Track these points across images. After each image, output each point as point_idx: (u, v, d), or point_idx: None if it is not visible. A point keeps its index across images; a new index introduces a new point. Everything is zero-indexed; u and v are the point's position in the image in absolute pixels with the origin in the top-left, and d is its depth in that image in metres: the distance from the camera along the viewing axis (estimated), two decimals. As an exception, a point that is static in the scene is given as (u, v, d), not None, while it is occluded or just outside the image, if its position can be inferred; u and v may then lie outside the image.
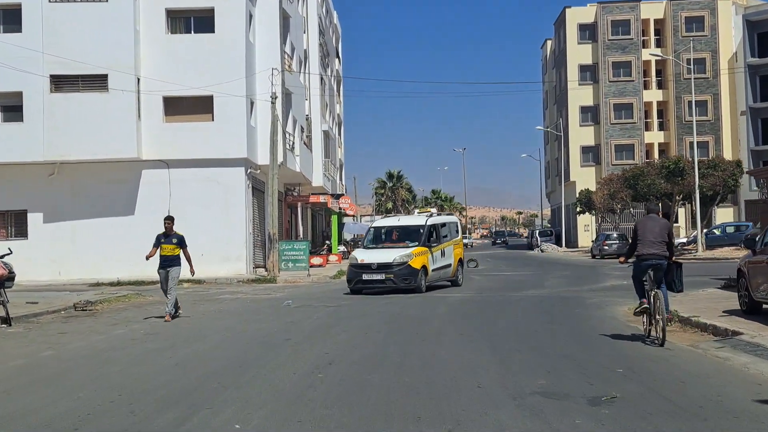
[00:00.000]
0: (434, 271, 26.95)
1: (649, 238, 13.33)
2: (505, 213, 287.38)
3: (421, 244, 26.37)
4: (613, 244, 57.73)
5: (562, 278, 33.14)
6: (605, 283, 29.29)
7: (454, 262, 28.72)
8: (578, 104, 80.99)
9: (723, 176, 52.15)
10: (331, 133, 58.81)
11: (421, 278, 25.63)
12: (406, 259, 25.46)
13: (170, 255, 19.17)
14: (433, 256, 26.80)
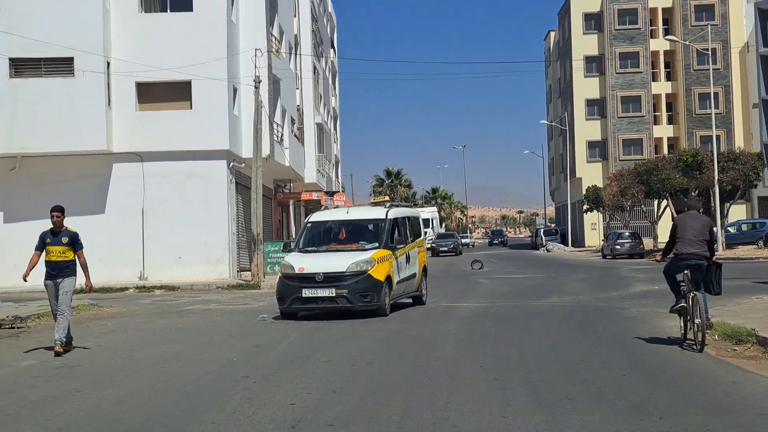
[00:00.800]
0: (399, 283, 19.29)
1: (689, 236, 12.63)
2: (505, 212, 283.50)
3: (382, 245, 18.69)
4: (625, 243, 53.84)
5: (581, 282, 29.25)
6: (634, 289, 25.38)
7: (418, 271, 21.12)
8: (584, 97, 77.04)
9: (743, 170, 48.27)
10: (326, 126, 54.93)
11: (386, 294, 18.05)
12: (366, 267, 17.71)
13: (60, 260, 13.42)
14: (398, 262, 19.30)
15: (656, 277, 30.84)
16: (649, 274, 32.75)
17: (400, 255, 19.35)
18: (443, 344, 13.36)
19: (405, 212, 21.61)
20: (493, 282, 30.69)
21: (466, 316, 18.18)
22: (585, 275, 34.03)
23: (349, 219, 19.98)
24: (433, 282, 31.31)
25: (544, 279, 32.13)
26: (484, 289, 27.17)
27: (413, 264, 20.47)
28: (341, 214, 20.61)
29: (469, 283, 30.61)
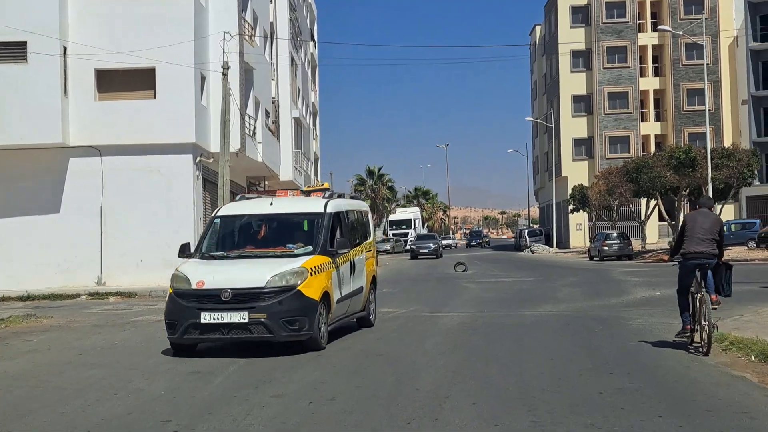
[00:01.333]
0: (341, 301, 14.23)
1: (697, 234, 12.20)
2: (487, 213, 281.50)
3: (319, 250, 13.55)
4: (613, 244, 51.70)
5: (574, 287, 26.94)
6: (633, 295, 23.11)
7: (366, 283, 15.94)
8: (570, 93, 74.95)
9: (738, 167, 46.18)
10: (304, 122, 52.50)
11: (321, 319, 12.99)
12: (295, 281, 12.66)
13: None
14: (340, 272, 14.20)
15: (653, 281, 28.65)
16: (644, 278, 30.54)
17: (342, 263, 14.16)
18: (425, 369, 10.98)
19: (350, 205, 16.28)
20: (478, 287, 28.38)
21: (452, 328, 15.82)
22: (576, 279, 31.78)
23: (273, 213, 14.57)
24: (415, 287, 29.11)
25: (533, 283, 29.85)
26: (469, 294, 24.85)
27: (360, 275, 15.38)
28: (263, 206, 15.04)
29: (452, 287, 28.30)
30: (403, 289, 27.98)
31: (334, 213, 14.51)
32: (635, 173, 51.55)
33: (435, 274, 39.19)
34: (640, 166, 51.29)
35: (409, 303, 21.93)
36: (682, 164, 46.21)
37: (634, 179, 51.95)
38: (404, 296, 24.67)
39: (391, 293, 26.18)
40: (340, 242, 14.01)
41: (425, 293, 25.87)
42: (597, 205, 63.55)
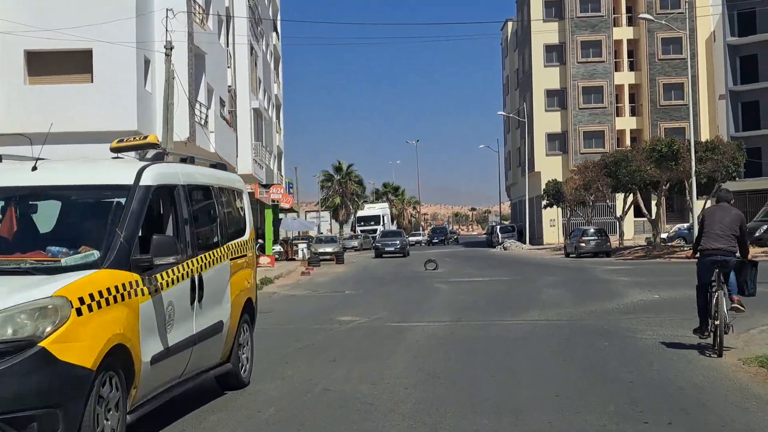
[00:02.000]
0: (165, 358, 7.41)
1: (716, 230, 11.31)
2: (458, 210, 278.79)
3: (112, 257, 6.89)
4: (591, 240, 48.88)
5: (558, 288, 23.90)
6: (627, 298, 20.08)
7: (231, 315, 9.08)
8: (543, 87, 72.12)
9: (722, 160, 43.45)
10: (266, 114, 49.23)
11: (102, 408, 6.30)
12: (32, 329, 5.96)
13: None
14: (163, 301, 7.43)
15: (643, 281, 25.72)
16: (632, 277, 27.62)
17: (169, 284, 7.54)
18: (389, 412, 7.86)
19: (204, 177, 9.27)
20: (451, 288, 25.30)
21: (423, 345, 12.70)
22: (558, 278, 28.76)
23: (33, 186, 7.85)
24: (381, 288, 26.02)
25: (511, 283, 26.80)
26: (442, 298, 21.76)
27: (216, 300, 8.70)
28: (18, 173, 7.93)
29: (423, 289, 25.20)
30: (368, 291, 24.89)
31: (159, 188, 7.80)
32: (614, 167, 48.76)
33: (404, 273, 36.13)
34: (619, 160, 48.49)
35: (372, 309, 18.82)
36: (665, 157, 43.39)
37: (612, 173, 49.17)
38: (368, 300, 21.58)
39: (353, 296, 23.09)
40: (161, 244, 7.19)
41: (392, 296, 22.77)
42: (572, 201, 60.70)
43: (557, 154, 71.84)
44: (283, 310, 19.60)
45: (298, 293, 25.28)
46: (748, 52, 67.78)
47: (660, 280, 25.95)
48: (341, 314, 17.64)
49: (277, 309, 19.85)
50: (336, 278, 33.68)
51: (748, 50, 67.70)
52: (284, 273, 36.98)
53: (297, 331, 14.81)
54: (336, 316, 17.34)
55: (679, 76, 70.60)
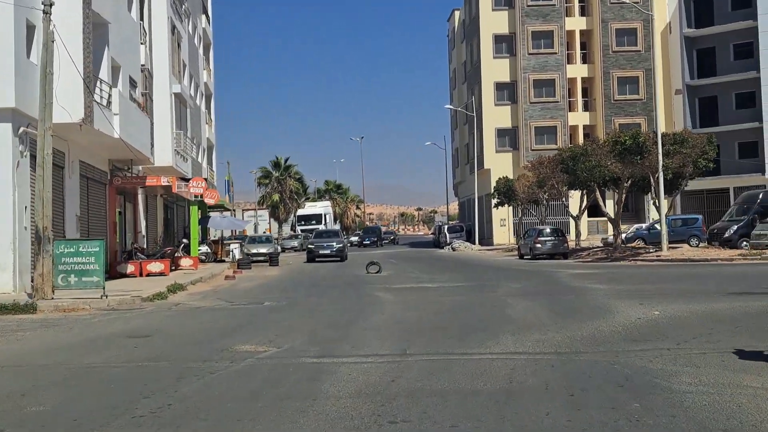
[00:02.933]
0: None
1: None
2: (404, 209, 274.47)
3: None
4: (547, 241, 44.50)
5: (526, 298, 19.12)
6: (621, 315, 15.33)
7: None
8: (493, 80, 67.71)
9: (692, 154, 39.34)
10: (190, 101, 43.99)
11: None
12: None
13: None
14: None
15: (623, 289, 21.14)
16: (606, 284, 23.12)
17: None
18: None
19: None
20: (397, 298, 20.49)
21: (347, 409, 7.82)
22: (521, 285, 24.07)
23: None
24: (310, 298, 20.68)
25: (469, 292, 22.03)
26: (383, 313, 16.88)
27: None
28: None
29: (361, 300, 20.32)
30: (293, 303, 19.98)
31: None
32: (571, 162, 44.47)
33: (343, 277, 31.33)
34: (578, 155, 44.22)
35: (289, 331, 13.92)
36: (629, 151, 39.13)
37: (569, 169, 44.87)
38: (288, 316, 16.65)
39: (271, 311, 18.14)
40: None
41: (321, 310, 17.86)
42: (524, 199, 56.44)
43: (507, 151, 67.51)
44: (170, 331, 14.60)
45: (206, 305, 20.26)
46: (706, 45, 64.20)
47: (642, 288, 21.44)
48: (243, 340, 12.73)
49: (164, 329, 14.85)
50: (263, 284, 28.69)
51: (706, 43, 64.12)
52: (205, 277, 31.94)
53: (160, 374, 9.86)
54: (235, 343, 12.41)
55: (634, 69, 66.90)
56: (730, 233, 41.56)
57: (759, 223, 40.45)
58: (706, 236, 51.22)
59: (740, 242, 40.94)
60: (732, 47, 63.22)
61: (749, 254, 34.89)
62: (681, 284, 22.28)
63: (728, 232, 41.71)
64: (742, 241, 41.00)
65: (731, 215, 43.99)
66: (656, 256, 38.46)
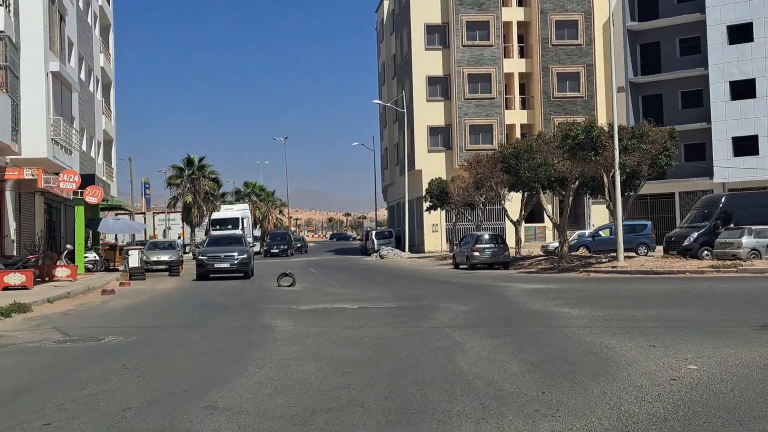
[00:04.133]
0: None
1: None
2: (332, 215, 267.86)
3: None
4: (486, 248, 39.14)
5: (477, 334, 13.33)
6: (639, 370, 9.73)
7: None
8: (424, 74, 62.18)
9: (652, 150, 34.25)
10: (76, 85, 37.39)
11: None
12: None
13: None
14: None
15: (603, 316, 15.48)
16: (575, 305, 17.64)
17: None
18: None
19: None
20: (297, 330, 14.57)
21: None
22: (466, 308, 18.34)
23: None
24: (172, 333, 14.18)
25: (400, 319, 16.16)
26: (265, 365, 10.75)
27: None
28: None
29: (246, 335, 14.16)
30: (147, 337, 13.85)
31: None
32: (514, 160, 39.13)
33: (245, 293, 25.46)
34: (521, 152, 38.91)
35: (74, 415, 7.97)
36: (581, 146, 33.89)
37: (511, 168, 39.53)
38: (108, 370, 10.36)
39: (102, 353, 11.95)
40: None
41: (173, 357, 11.58)
42: (459, 202, 51.07)
43: (440, 151, 62.07)
44: None
45: (25, 340, 14.00)
46: (650, 39, 59.80)
47: (630, 315, 15.90)
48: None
49: None
50: (140, 303, 22.51)
51: (650, 37, 59.73)
52: (76, 292, 25.69)
53: None
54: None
55: (575, 64, 62.15)
56: (690, 241, 36.73)
57: (723, 230, 35.68)
58: (654, 244, 46.71)
59: (701, 251, 36.16)
60: (678, 42, 58.99)
61: (722, 266, 29.88)
62: (676, 309, 16.84)
63: (688, 240, 36.87)
64: (704, 250, 36.25)
65: (690, 221, 39.18)
66: (611, 267, 33.33)
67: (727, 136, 55.45)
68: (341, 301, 21.25)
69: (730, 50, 55.46)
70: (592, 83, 61.91)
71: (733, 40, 55.42)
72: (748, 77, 54.84)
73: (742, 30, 55.17)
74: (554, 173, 37.82)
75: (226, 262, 32.89)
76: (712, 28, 55.96)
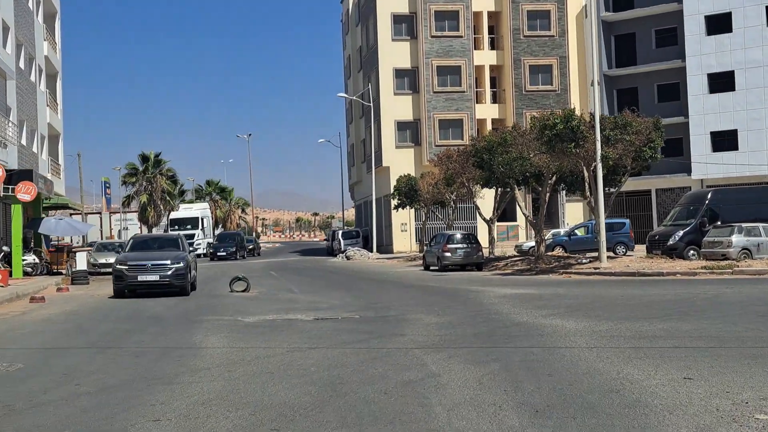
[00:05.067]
0: None
1: None
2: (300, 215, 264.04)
3: None
4: (458, 249, 36.31)
5: (465, 357, 10.46)
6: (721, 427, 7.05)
7: None
8: (392, 66, 59.13)
9: (636, 141, 31.56)
10: (9, 71, 34.05)
11: None
12: None
13: None
14: None
15: (606, 331, 12.28)
16: (571, 318, 14.84)
17: None
18: None
19: None
20: (232, 349, 11.60)
21: None
22: (440, 319, 15.50)
23: None
24: (77, 356, 10.90)
25: (360, 336, 13.21)
26: (176, 399, 7.91)
27: None
28: None
29: (163, 354, 11.23)
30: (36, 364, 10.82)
31: None
32: (487, 154, 36.31)
33: (189, 298, 22.37)
34: (494, 145, 36.09)
35: None
36: (560, 138, 31.12)
37: (484, 163, 36.69)
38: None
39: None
40: None
41: (47, 399, 8.55)
42: (429, 200, 48.23)
43: (409, 146, 59.11)
44: None
45: None
46: (625, 30, 57.33)
47: (640, 330, 13.06)
48: None
49: None
50: (59, 317, 19.20)
51: (625, 28, 57.26)
52: None
53: None
54: None
55: (548, 56, 59.48)
56: (675, 240, 34.09)
57: (711, 228, 33.10)
58: (633, 243, 44.21)
59: (687, 251, 33.56)
60: (654, 33, 56.53)
61: (716, 267, 27.20)
62: (691, 322, 14.00)
63: (672, 238, 34.23)
64: (690, 249, 33.64)
65: (674, 219, 36.58)
66: (593, 268, 30.61)
67: (705, 131, 53.11)
68: (296, 311, 18.29)
69: (708, 41, 53.12)
70: (565, 76, 59.32)
71: (711, 31, 53.08)
72: (727, 69, 52.52)
73: (721, 20, 52.84)
74: (530, 168, 35.04)
75: (154, 274, 23.86)
76: (689, 18, 53.58)
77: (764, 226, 31.72)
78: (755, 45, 51.56)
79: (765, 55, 51.33)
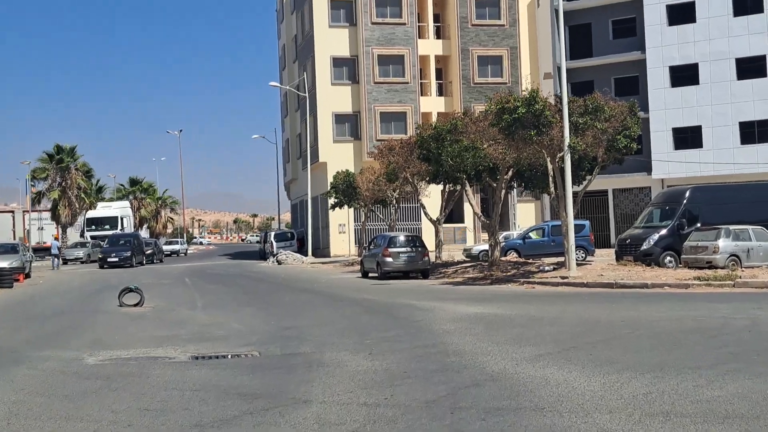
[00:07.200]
0: None
1: None
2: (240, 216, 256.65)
3: None
4: (401, 253, 31.03)
5: None
6: None
7: None
8: (329, 54, 53.59)
9: (609, 129, 26.59)
10: None
11: None
12: None
13: None
14: None
15: (641, 400, 7.52)
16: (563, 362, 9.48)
17: None
18: None
19: None
20: None
21: None
22: (369, 361, 10.24)
23: None
24: None
25: (243, 399, 7.79)
26: None
27: None
28: None
29: None
30: None
31: None
32: (434, 144, 31.12)
33: (61, 314, 16.77)
34: (442, 133, 30.93)
35: None
36: (521, 123, 25.97)
37: (431, 155, 31.46)
38: None
39: None
40: None
41: None
42: (369, 198, 42.90)
43: (348, 141, 53.66)
44: None
45: None
46: (580, 21, 52.65)
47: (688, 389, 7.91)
48: None
49: None
50: None
51: (580, 18, 52.55)
52: None
53: None
54: None
55: (498, 47, 54.61)
56: (649, 245, 29.19)
57: (694, 231, 28.30)
58: (593, 248, 39.49)
59: (664, 257, 28.71)
60: (611, 24, 52.05)
61: (713, 278, 22.21)
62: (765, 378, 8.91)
63: (647, 243, 29.31)
64: (666, 255, 28.80)
65: (646, 220, 31.74)
66: (560, 277, 25.55)
67: (666, 127, 48.76)
68: (175, 341, 12.86)
69: (669, 32, 48.81)
70: (516, 68, 54.52)
71: (673, 21, 48.80)
72: (690, 62, 48.25)
73: (684, 10, 48.57)
74: (484, 160, 29.90)
75: None
76: (649, 7, 49.24)
77: (754, 229, 27.02)
78: (721, 36, 47.38)
79: (731, 46, 47.16)
